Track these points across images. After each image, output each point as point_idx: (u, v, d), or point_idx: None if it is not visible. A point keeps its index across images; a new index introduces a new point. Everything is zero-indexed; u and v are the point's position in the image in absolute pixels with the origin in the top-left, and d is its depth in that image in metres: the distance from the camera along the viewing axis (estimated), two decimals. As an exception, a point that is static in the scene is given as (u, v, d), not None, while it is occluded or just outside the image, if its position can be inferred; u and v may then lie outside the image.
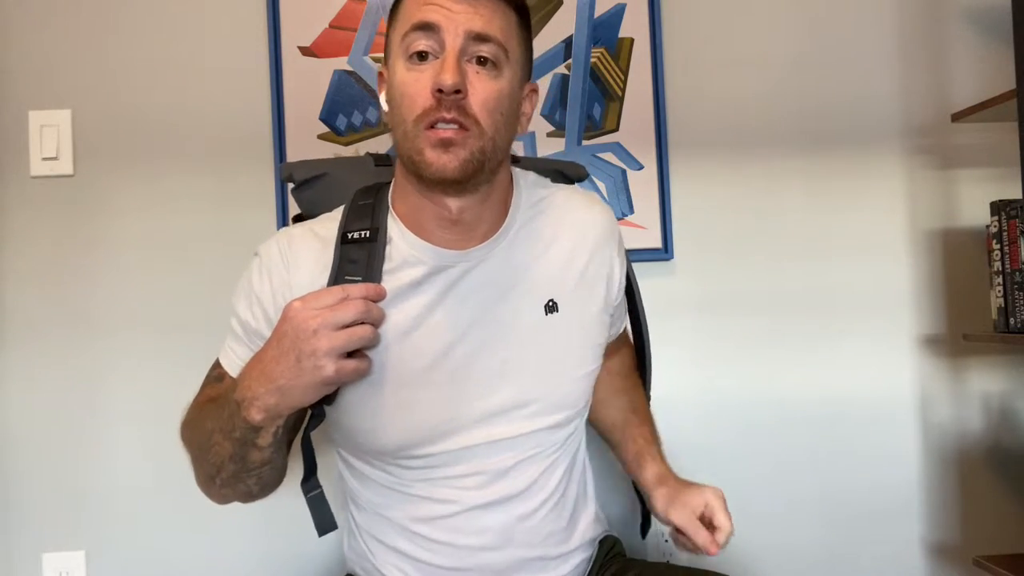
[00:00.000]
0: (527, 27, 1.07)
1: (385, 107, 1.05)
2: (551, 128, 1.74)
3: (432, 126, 0.98)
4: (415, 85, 0.99)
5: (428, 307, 1.06)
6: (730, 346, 1.76)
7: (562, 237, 1.13)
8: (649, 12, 1.75)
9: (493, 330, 1.08)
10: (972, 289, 1.79)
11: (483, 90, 0.99)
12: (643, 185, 1.75)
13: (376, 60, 1.73)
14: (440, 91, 0.97)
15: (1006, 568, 1.61)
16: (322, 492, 1.11)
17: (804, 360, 1.77)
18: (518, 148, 1.75)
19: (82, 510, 1.68)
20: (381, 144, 1.73)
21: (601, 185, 1.75)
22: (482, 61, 0.99)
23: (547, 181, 1.20)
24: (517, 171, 1.16)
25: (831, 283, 1.78)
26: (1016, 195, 1.66)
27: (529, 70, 1.09)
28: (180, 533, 1.68)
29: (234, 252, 1.37)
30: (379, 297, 0.98)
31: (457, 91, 0.97)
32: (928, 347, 1.80)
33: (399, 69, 1.01)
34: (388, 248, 1.07)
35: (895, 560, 1.77)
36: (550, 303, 1.10)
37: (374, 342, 0.97)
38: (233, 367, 1.09)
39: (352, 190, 1.16)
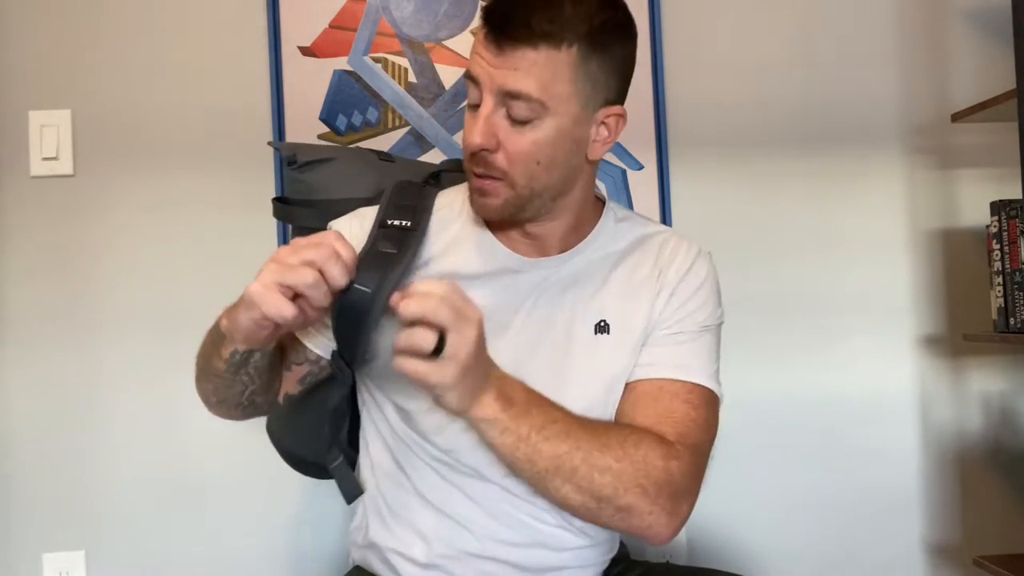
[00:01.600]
0: (600, 51, 1.02)
1: None
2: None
3: (474, 173, 1.05)
4: (466, 131, 1.05)
5: (485, 302, 1.04)
6: (730, 346, 1.74)
7: (638, 264, 1.14)
8: (649, 12, 1.75)
9: (540, 337, 1.10)
10: (972, 289, 1.79)
11: (513, 145, 1.02)
12: (643, 185, 1.75)
13: (376, 60, 1.73)
14: (470, 149, 1.03)
15: (1006, 568, 1.61)
16: (344, 460, 1.11)
17: (804, 360, 1.77)
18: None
19: (82, 510, 1.67)
20: (381, 144, 1.73)
21: (601, 185, 1.74)
22: (514, 117, 1.01)
23: (652, 223, 1.22)
24: (612, 205, 1.19)
25: (831, 283, 1.78)
26: (1016, 195, 1.66)
27: (607, 95, 1.06)
28: (180, 533, 1.68)
29: (234, 252, 1.38)
30: (350, 259, 0.93)
31: (484, 149, 1.01)
32: (928, 347, 1.80)
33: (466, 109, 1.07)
34: (450, 234, 1.12)
35: (895, 560, 1.77)
36: (601, 323, 1.11)
37: (316, 294, 0.90)
38: None
39: (358, 180, 1.17)
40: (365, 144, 1.73)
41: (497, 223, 1.11)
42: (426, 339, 0.87)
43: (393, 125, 1.74)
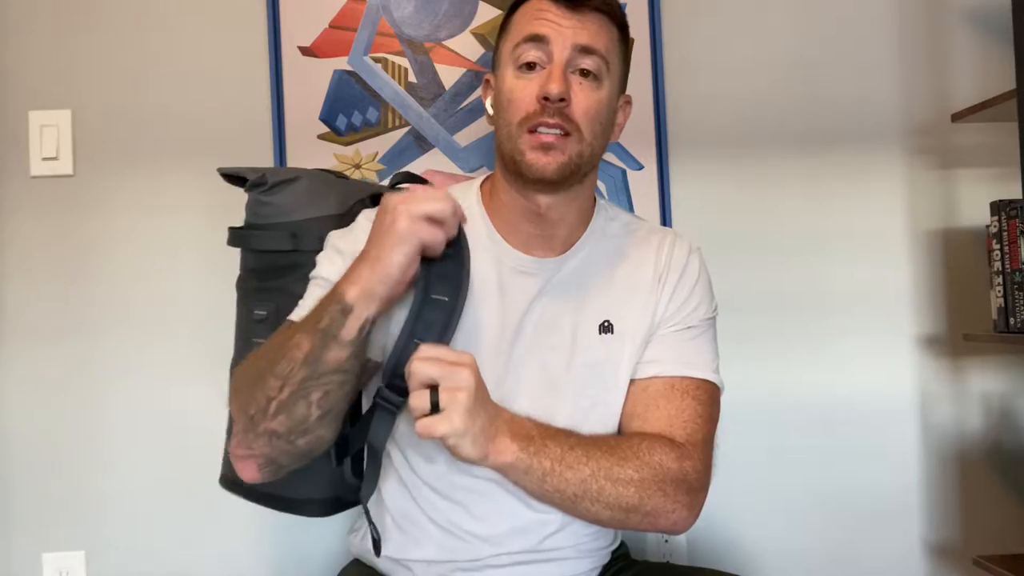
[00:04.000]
0: (626, 42, 1.16)
1: (490, 111, 1.17)
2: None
3: (534, 130, 1.07)
4: (522, 92, 1.08)
5: (493, 303, 1.13)
6: (730, 346, 1.74)
7: (637, 264, 1.19)
8: (649, 12, 1.75)
9: (547, 339, 1.14)
10: (972, 289, 1.79)
11: (585, 99, 1.08)
12: (643, 185, 1.75)
13: (376, 60, 1.73)
14: (546, 99, 1.06)
15: (1006, 568, 1.61)
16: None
17: (804, 360, 1.77)
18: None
19: (82, 510, 1.67)
20: (380, 144, 1.73)
21: (601, 185, 1.75)
22: (585, 73, 1.09)
23: (640, 220, 1.29)
24: (601, 203, 1.24)
25: (831, 283, 1.78)
26: (1016, 195, 1.66)
27: (625, 83, 1.18)
28: (180, 533, 1.68)
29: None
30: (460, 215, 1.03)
31: (562, 99, 1.06)
32: (928, 347, 1.80)
33: (507, 77, 1.11)
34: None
35: (895, 560, 1.77)
36: (605, 323, 1.16)
37: (450, 225, 1.01)
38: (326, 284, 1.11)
39: (326, 197, 1.20)
40: (365, 144, 1.73)
41: (504, 212, 1.16)
42: (421, 399, 0.94)
43: (393, 125, 1.74)
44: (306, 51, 1.72)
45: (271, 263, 1.22)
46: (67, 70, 1.71)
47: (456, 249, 1.05)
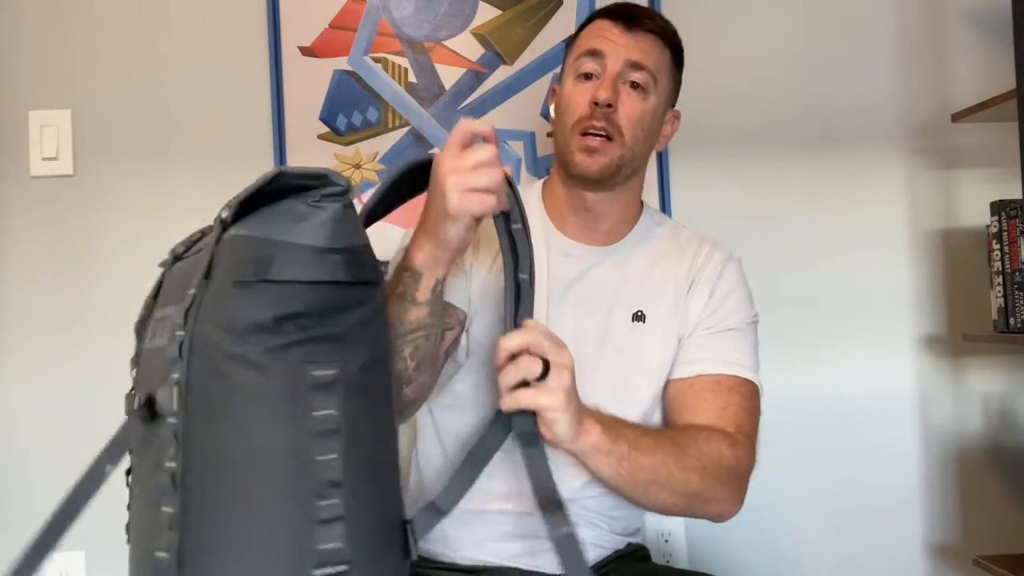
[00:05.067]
0: (679, 63, 1.28)
1: (552, 115, 1.29)
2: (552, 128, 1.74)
3: (584, 133, 1.19)
4: (578, 97, 1.21)
5: (540, 282, 1.15)
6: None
7: (674, 264, 1.26)
8: (649, 12, 1.75)
9: (580, 319, 1.21)
10: (972, 289, 1.79)
11: (631, 107, 1.20)
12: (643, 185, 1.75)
13: (376, 60, 1.74)
14: (596, 104, 1.18)
15: (1006, 568, 1.61)
16: None
17: (804, 360, 1.77)
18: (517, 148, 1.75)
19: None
20: (380, 144, 1.73)
21: (601, 185, 1.75)
22: (634, 85, 1.21)
23: (684, 228, 1.35)
24: (649, 208, 1.33)
25: (831, 283, 1.78)
26: (1016, 195, 1.66)
27: (675, 99, 1.30)
28: (180, 533, 1.68)
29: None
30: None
31: (609, 105, 1.18)
32: (928, 347, 1.80)
33: (568, 84, 1.24)
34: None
35: (895, 560, 1.77)
36: (638, 312, 1.23)
37: (496, 181, 0.98)
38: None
39: None
40: (365, 144, 1.73)
41: (556, 204, 1.27)
42: (534, 365, 0.94)
43: (393, 125, 1.74)
44: (306, 51, 1.72)
45: None
46: (67, 70, 1.71)
47: (524, 223, 1.03)
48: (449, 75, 1.75)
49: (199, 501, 0.80)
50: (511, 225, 1.01)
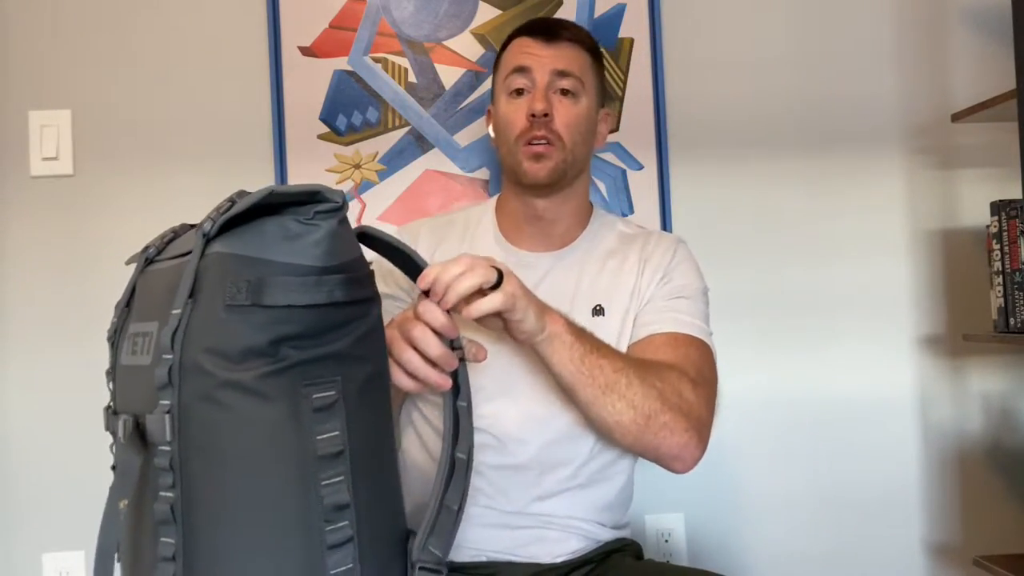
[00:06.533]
0: (600, 64, 1.36)
1: (492, 134, 1.38)
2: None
3: (529, 143, 1.27)
4: (515, 113, 1.29)
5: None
6: (730, 346, 1.75)
7: (624, 257, 1.32)
8: (649, 12, 1.75)
9: None
10: (972, 289, 1.79)
11: (565, 113, 1.29)
12: (643, 185, 1.75)
13: (376, 60, 1.74)
14: (533, 115, 1.27)
15: (1006, 568, 1.61)
16: None
17: (804, 360, 1.77)
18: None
19: (82, 510, 1.67)
20: (380, 144, 1.73)
21: (601, 185, 1.75)
22: (564, 92, 1.29)
23: (632, 224, 1.42)
24: (598, 210, 1.40)
25: (831, 283, 1.78)
26: (1016, 195, 1.66)
27: (603, 98, 1.38)
28: (180, 533, 1.67)
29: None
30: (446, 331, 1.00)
31: (545, 115, 1.27)
32: (928, 347, 1.80)
33: (502, 103, 1.32)
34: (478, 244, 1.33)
35: (895, 560, 1.77)
36: (597, 307, 1.28)
37: (416, 368, 0.99)
38: None
39: None
40: (365, 144, 1.73)
41: (510, 219, 1.35)
42: (488, 271, 0.99)
43: (393, 125, 1.74)
44: (306, 51, 1.72)
45: None
46: (67, 70, 1.71)
47: (469, 402, 1.00)
48: (449, 75, 1.75)
49: (202, 534, 0.77)
50: (457, 402, 0.99)
